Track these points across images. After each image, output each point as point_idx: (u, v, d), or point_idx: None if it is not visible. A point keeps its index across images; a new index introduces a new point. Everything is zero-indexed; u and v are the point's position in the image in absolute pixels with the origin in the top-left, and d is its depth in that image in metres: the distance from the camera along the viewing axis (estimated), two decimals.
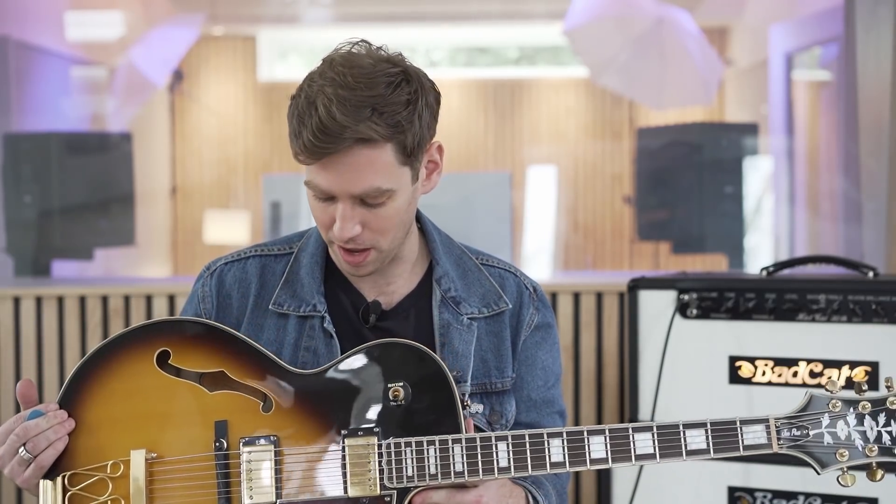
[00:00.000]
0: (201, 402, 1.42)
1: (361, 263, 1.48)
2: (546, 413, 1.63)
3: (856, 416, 1.34)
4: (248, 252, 1.62)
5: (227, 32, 7.72)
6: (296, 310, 1.54)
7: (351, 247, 1.45)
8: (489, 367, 1.57)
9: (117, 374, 1.43)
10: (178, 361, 1.44)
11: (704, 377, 2.31)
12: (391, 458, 1.37)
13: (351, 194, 1.40)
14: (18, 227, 4.09)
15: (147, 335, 1.45)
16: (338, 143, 1.35)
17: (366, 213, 1.42)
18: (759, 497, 2.24)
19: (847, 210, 3.75)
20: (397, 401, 1.40)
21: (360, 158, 1.38)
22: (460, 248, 1.64)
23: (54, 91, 5.72)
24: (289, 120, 1.42)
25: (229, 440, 1.41)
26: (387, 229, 1.45)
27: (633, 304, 2.38)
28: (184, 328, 1.47)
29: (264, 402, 1.42)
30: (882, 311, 2.16)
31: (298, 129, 1.38)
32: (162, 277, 6.33)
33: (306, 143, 1.36)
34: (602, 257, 7.53)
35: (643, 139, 5.00)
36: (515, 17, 7.13)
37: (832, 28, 4.64)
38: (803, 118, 5.64)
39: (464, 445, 1.37)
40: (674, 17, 4.84)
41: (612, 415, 3.00)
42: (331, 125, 1.34)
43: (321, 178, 1.40)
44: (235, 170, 7.69)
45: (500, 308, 1.59)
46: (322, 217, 1.45)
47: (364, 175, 1.39)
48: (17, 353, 3.19)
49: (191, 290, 1.63)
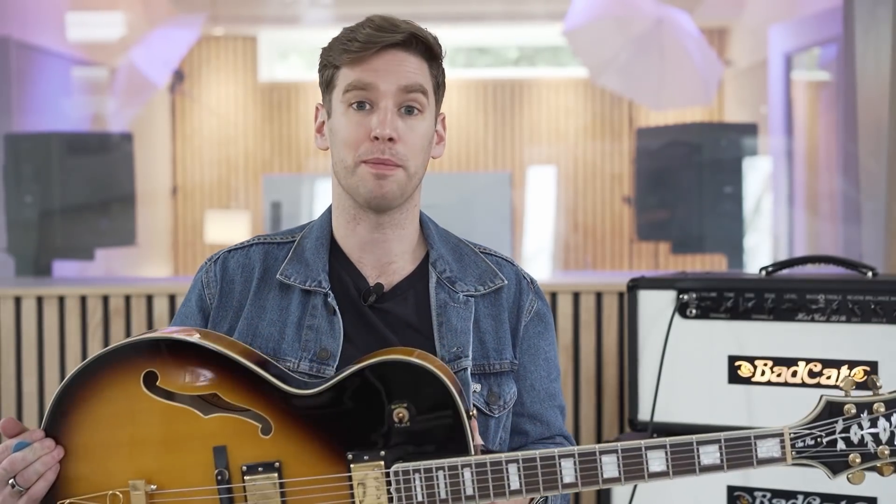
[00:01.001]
0: (196, 427, 1.37)
1: (389, 175, 1.49)
2: (549, 406, 1.64)
3: (870, 420, 1.30)
4: (251, 241, 1.63)
5: (228, 33, 7.72)
6: (301, 283, 1.54)
7: (387, 157, 1.48)
8: (487, 348, 1.58)
9: (104, 398, 1.38)
10: (167, 384, 1.38)
11: (704, 377, 2.31)
12: (400, 486, 1.35)
13: (399, 86, 1.49)
14: (19, 227, 4.10)
15: (130, 355, 1.38)
16: (393, 35, 1.49)
17: (401, 123, 1.49)
18: (759, 497, 2.24)
19: (846, 210, 3.75)
20: (402, 423, 1.35)
21: (406, 60, 1.51)
22: (457, 238, 1.67)
23: (55, 91, 5.73)
24: (326, 50, 1.55)
25: (230, 467, 1.37)
26: (417, 148, 1.52)
27: (633, 304, 2.39)
28: (170, 348, 1.39)
29: (262, 425, 1.37)
30: (881, 310, 2.17)
31: (349, 36, 1.50)
32: (163, 277, 6.33)
33: (362, 38, 1.48)
34: (602, 257, 7.53)
35: (643, 139, 5.01)
36: (515, 17, 7.14)
37: (831, 28, 4.65)
38: (802, 118, 5.64)
39: (474, 470, 1.34)
40: (673, 17, 4.85)
41: (611, 415, 3.01)
42: (386, 24, 1.50)
43: (368, 74, 1.49)
44: (236, 170, 7.70)
45: (496, 285, 1.60)
46: (356, 131, 1.49)
47: (409, 71, 1.50)
48: (18, 353, 3.20)
49: (192, 282, 1.63)
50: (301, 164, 7.65)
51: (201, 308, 1.60)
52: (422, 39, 1.52)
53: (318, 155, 7.66)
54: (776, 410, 2.26)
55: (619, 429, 2.99)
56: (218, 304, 1.58)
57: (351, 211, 1.57)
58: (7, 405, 3.19)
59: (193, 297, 1.61)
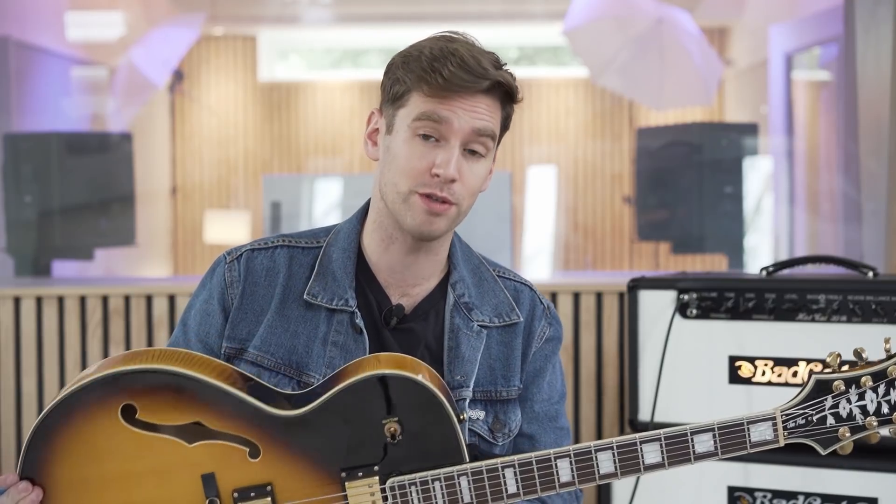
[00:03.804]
0: (182, 457, 1.34)
1: (442, 214, 1.47)
2: (548, 427, 1.62)
3: (857, 394, 1.32)
4: (275, 241, 1.59)
5: (228, 32, 7.72)
6: (328, 302, 1.52)
7: (444, 194, 1.46)
8: (496, 374, 1.56)
9: (81, 435, 1.33)
10: (147, 416, 1.34)
11: (704, 377, 2.31)
12: (397, 500, 1.34)
13: (472, 128, 1.46)
14: (19, 227, 4.10)
15: (106, 390, 1.33)
16: (479, 82, 1.45)
17: (464, 164, 1.48)
18: (759, 497, 2.24)
19: (847, 210, 3.75)
20: (395, 437, 1.34)
21: (483, 103, 1.47)
22: (479, 258, 1.65)
23: (55, 91, 5.73)
24: (403, 64, 1.48)
25: (220, 494, 1.34)
26: (473, 189, 1.50)
27: (633, 304, 2.38)
28: (144, 379, 1.34)
29: (250, 449, 1.35)
30: (882, 311, 2.17)
31: (433, 66, 1.44)
32: (162, 277, 6.33)
33: (447, 75, 1.43)
34: (602, 257, 7.53)
35: (643, 139, 5.00)
36: (515, 17, 7.13)
37: (832, 28, 4.64)
38: (803, 118, 5.63)
39: (470, 477, 1.34)
40: (674, 17, 4.85)
41: (612, 415, 3.00)
42: (475, 66, 1.44)
43: (444, 109, 1.45)
44: (235, 170, 7.70)
45: (511, 320, 1.59)
46: (420, 161, 1.46)
47: (484, 115, 1.47)
48: (18, 353, 3.20)
49: (208, 279, 1.58)
50: (301, 164, 7.65)
51: (223, 307, 1.56)
52: (504, 86, 1.48)
53: (318, 155, 7.66)
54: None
55: (620, 429, 2.99)
56: (238, 305, 1.54)
57: (389, 230, 1.54)
58: (6, 405, 3.19)
59: (216, 296, 1.56)
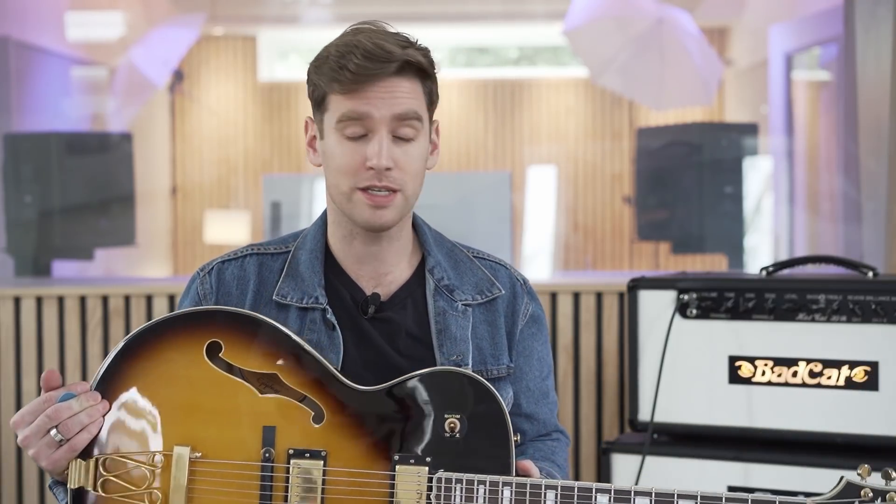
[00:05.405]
0: (250, 404, 1.39)
1: (387, 206, 1.48)
2: (543, 404, 1.66)
3: None
4: (245, 251, 1.61)
5: (228, 32, 7.72)
6: (298, 301, 1.53)
7: (384, 183, 1.46)
8: (485, 354, 1.58)
9: (162, 359, 1.40)
10: (230, 357, 1.40)
11: (704, 377, 2.31)
12: (440, 493, 1.36)
13: (392, 114, 1.45)
14: (19, 227, 4.10)
15: (198, 323, 1.41)
16: (386, 67, 1.44)
17: (397, 150, 1.47)
18: None
19: (846, 210, 3.75)
20: (453, 433, 1.38)
21: (399, 86, 1.46)
22: (451, 242, 1.67)
23: (54, 91, 5.73)
24: (316, 69, 1.49)
25: (276, 448, 1.38)
26: (413, 172, 1.50)
27: (633, 304, 2.39)
28: (239, 321, 1.41)
29: (315, 413, 1.39)
30: (882, 310, 2.17)
31: (340, 63, 1.44)
32: (162, 277, 6.33)
33: (353, 69, 1.43)
34: (602, 257, 7.53)
35: (643, 139, 5.00)
36: (515, 17, 7.13)
37: (832, 28, 4.64)
38: (803, 118, 5.64)
39: (514, 490, 1.35)
40: (674, 17, 4.85)
41: (612, 415, 3.00)
42: (378, 52, 1.44)
43: (361, 104, 1.45)
44: (235, 170, 7.70)
45: (493, 294, 1.61)
46: (351, 160, 1.47)
47: (403, 98, 1.46)
48: (18, 353, 3.19)
49: (185, 295, 1.60)
50: (301, 164, 7.65)
51: None
52: (415, 64, 1.47)
53: None
54: (776, 411, 2.25)
55: (620, 429, 2.99)
56: None
57: (347, 226, 1.56)
58: (6, 405, 3.19)
59: None
